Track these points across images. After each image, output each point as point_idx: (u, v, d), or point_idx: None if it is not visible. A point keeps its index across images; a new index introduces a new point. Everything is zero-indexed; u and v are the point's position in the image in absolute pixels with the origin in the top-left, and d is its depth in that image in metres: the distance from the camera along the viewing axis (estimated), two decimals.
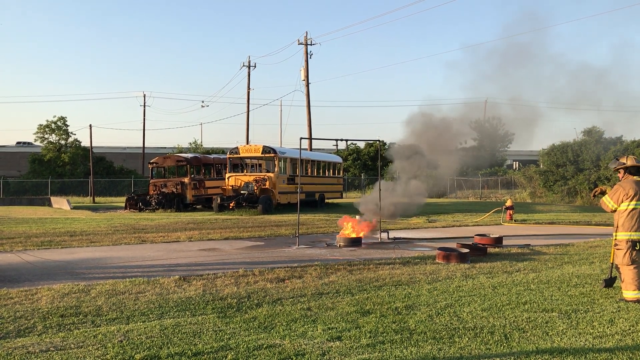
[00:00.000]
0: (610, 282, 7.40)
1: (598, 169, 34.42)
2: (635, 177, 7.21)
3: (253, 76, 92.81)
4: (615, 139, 36.39)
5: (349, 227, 13.23)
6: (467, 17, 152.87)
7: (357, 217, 14.14)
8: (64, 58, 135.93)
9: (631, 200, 6.99)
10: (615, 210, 7.15)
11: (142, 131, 60.66)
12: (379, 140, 16.24)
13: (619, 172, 7.50)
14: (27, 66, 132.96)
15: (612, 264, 7.29)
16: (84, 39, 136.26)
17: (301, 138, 13.75)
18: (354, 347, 4.79)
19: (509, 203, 20.43)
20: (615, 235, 7.10)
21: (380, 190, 13.85)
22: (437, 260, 9.69)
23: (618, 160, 7.53)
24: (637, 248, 6.84)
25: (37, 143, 51.10)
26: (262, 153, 25.29)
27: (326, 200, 29.06)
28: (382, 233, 13.44)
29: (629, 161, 7.35)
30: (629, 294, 6.74)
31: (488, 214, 21.17)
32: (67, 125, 50.98)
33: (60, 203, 30.92)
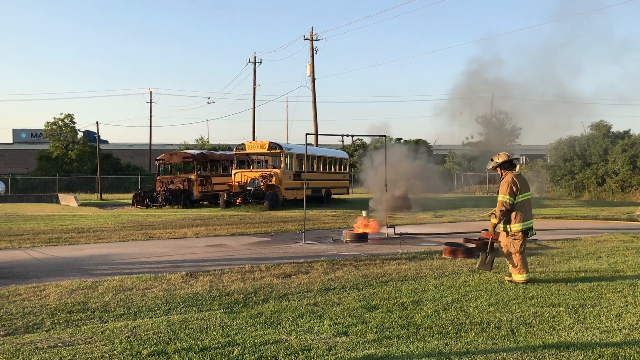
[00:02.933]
0: (488, 267, 7.75)
1: (605, 163, 34.25)
2: (512, 171, 7.70)
3: (259, 72, 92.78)
4: (623, 132, 36.17)
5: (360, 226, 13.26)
6: (476, 10, 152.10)
7: (364, 212, 14.11)
8: (71, 56, 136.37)
9: (519, 194, 7.50)
10: (514, 205, 7.48)
11: (148, 128, 60.85)
12: (385, 136, 16.20)
13: (497, 171, 7.94)
14: (34, 64, 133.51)
15: (487, 252, 7.73)
16: (90, 37, 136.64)
17: (307, 134, 13.75)
18: (361, 342, 4.80)
19: None
20: (510, 227, 7.49)
21: (386, 185, 13.83)
22: (443, 256, 9.67)
23: (492, 160, 8.01)
24: (528, 236, 7.51)
25: (45, 140, 51.32)
26: (268, 149, 25.30)
27: (332, 196, 29.06)
28: (388, 228, 13.43)
29: (501, 158, 7.85)
30: (521, 277, 7.32)
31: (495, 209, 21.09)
32: (74, 123, 51.15)
33: (68, 200, 31.08)
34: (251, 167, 27.26)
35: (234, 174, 25.71)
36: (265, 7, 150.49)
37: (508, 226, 7.53)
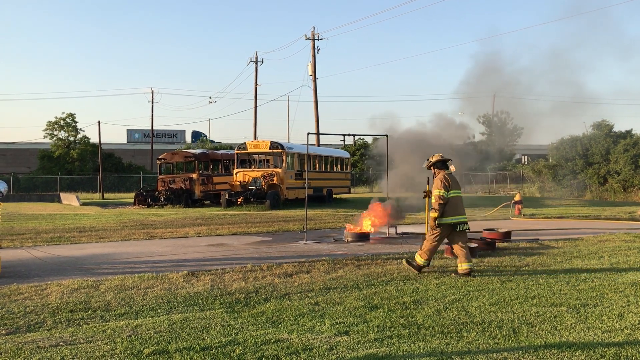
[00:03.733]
0: (419, 268, 8.13)
1: (607, 162, 34.20)
2: (444, 170, 8.34)
3: (260, 72, 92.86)
4: (625, 132, 36.11)
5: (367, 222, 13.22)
6: (478, 10, 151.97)
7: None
8: (72, 55, 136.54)
9: (451, 190, 8.13)
10: (448, 199, 8.08)
11: (150, 127, 60.88)
12: (386, 135, 16.19)
13: (432, 170, 8.55)
14: (36, 64, 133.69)
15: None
16: (91, 36, 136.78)
17: (308, 133, 13.74)
18: (362, 341, 4.79)
19: (517, 197, 20.32)
20: (440, 221, 8.06)
21: (387, 185, 13.83)
22: (445, 255, 9.67)
23: (427, 160, 8.66)
24: (457, 229, 8.12)
25: (47, 140, 51.37)
26: (269, 148, 25.30)
27: (334, 196, 29.05)
28: (390, 228, 13.42)
29: (435, 158, 8.51)
30: (422, 260, 8.06)
31: (497, 208, 21.10)
32: (75, 122, 51.22)
33: (70, 199, 31.11)
34: (253, 167, 27.26)
35: (236, 174, 25.72)
36: (267, 6, 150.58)
37: (439, 220, 8.09)
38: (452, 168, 8.45)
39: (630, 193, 32.53)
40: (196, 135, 63.67)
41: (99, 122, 40.18)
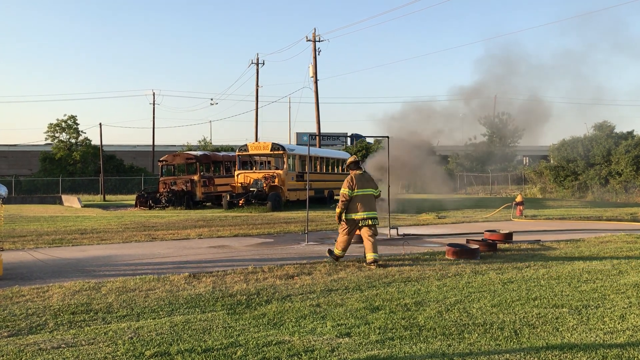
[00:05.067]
0: (336, 257, 9.26)
1: (609, 163, 34.16)
2: (356, 171, 9.37)
3: (262, 73, 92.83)
4: (627, 133, 36.07)
5: None
6: (480, 10, 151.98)
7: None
8: (74, 57, 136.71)
9: (356, 188, 9.12)
10: (351, 197, 9.10)
11: (151, 129, 60.98)
12: (387, 137, 16.19)
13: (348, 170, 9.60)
14: (37, 66, 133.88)
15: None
16: (92, 38, 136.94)
17: (310, 135, 13.72)
18: (363, 343, 4.79)
19: (519, 199, 20.30)
20: (346, 216, 9.15)
21: (389, 186, 13.83)
22: (446, 257, 9.66)
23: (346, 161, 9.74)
24: (361, 225, 9.03)
25: (48, 142, 51.45)
26: (271, 150, 25.31)
27: (335, 197, 29.04)
28: (391, 229, 13.42)
29: (349, 160, 9.70)
30: (337, 251, 9.16)
31: (498, 209, 21.09)
32: (77, 124, 51.31)
33: (71, 201, 31.15)
34: (254, 168, 27.28)
35: (237, 175, 25.74)
36: (268, 8, 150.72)
37: (345, 216, 9.21)
38: (357, 171, 9.38)
39: (632, 194, 32.49)
40: (356, 136, 63.79)
41: (100, 124, 40.29)
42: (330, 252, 9.39)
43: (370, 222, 9.03)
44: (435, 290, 6.92)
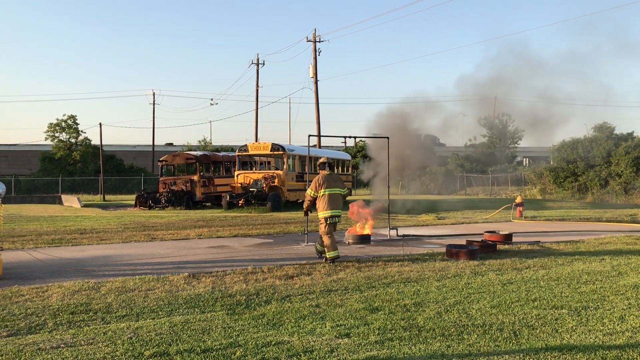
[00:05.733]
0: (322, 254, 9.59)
1: (609, 165, 34.15)
2: (324, 171, 9.78)
3: (262, 74, 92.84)
4: (627, 134, 36.07)
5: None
6: (481, 11, 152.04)
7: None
8: (74, 57, 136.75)
9: (322, 188, 9.57)
10: (316, 197, 9.62)
11: (151, 129, 60.99)
12: (387, 137, 16.19)
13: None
14: (37, 65, 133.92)
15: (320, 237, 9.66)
16: (92, 38, 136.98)
17: (310, 135, 13.75)
18: (363, 344, 4.79)
19: (518, 200, 20.29)
20: (318, 215, 9.58)
21: (389, 187, 13.83)
22: (446, 257, 9.66)
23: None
24: (328, 222, 9.43)
25: (48, 141, 51.46)
26: (270, 150, 25.31)
27: None
28: (391, 230, 13.42)
29: (320, 161, 10.04)
30: (331, 254, 9.27)
31: (498, 210, 21.09)
32: (77, 124, 51.32)
33: (71, 201, 31.14)
34: (254, 169, 27.28)
35: (237, 176, 25.73)
36: (268, 8, 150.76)
37: (317, 213, 9.62)
38: (325, 171, 9.78)
39: (632, 195, 32.49)
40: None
41: (100, 124, 40.26)
42: (325, 258, 9.36)
43: (336, 220, 9.58)
44: (435, 291, 6.92)
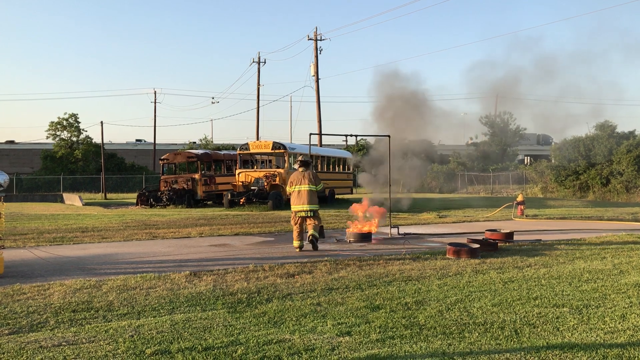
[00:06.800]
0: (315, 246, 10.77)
1: (610, 163, 34.11)
2: (300, 169, 11.00)
3: (263, 72, 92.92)
4: (628, 133, 36.01)
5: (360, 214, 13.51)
6: (484, 10, 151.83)
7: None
8: (75, 56, 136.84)
9: (292, 185, 10.91)
10: (291, 192, 10.89)
11: (153, 128, 61.00)
12: (388, 136, 16.17)
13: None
14: (39, 64, 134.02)
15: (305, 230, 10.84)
16: (94, 37, 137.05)
17: (311, 134, 13.75)
18: (364, 342, 4.79)
19: (520, 198, 20.28)
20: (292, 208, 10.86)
21: (390, 185, 13.83)
22: (447, 256, 9.66)
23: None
24: (297, 216, 10.71)
25: (49, 140, 51.51)
26: (272, 149, 25.31)
27: (336, 196, 29.04)
28: (392, 228, 13.42)
29: (297, 159, 11.28)
30: (294, 243, 10.68)
31: (499, 209, 21.08)
32: (78, 122, 51.35)
33: (72, 199, 31.18)
34: (255, 167, 27.28)
35: (238, 174, 25.74)
36: (269, 7, 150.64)
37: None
38: (299, 168, 10.96)
39: (633, 194, 32.44)
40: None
41: (101, 122, 40.31)
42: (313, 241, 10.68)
43: (304, 215, 10.73)
44: (436, 290, 6.92)
